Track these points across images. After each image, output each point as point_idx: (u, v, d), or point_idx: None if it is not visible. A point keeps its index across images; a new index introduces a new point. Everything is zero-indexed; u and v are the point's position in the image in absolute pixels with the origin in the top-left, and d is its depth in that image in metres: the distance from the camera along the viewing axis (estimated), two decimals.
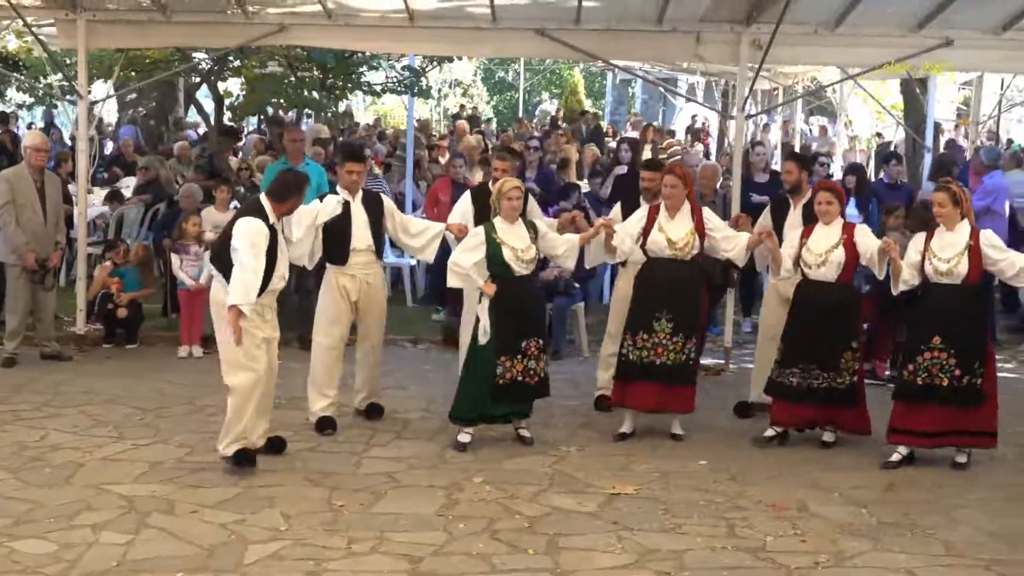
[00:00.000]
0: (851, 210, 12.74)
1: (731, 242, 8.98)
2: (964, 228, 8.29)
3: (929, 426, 8.32)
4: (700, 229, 8.82)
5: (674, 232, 8.76)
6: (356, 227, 8.90)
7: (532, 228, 8.58)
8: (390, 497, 7.51)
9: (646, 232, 8.84)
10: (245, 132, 24.40)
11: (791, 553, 6.70)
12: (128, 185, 16.17)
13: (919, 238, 8.57)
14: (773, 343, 9.20)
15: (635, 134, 24.01)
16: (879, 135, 24.17)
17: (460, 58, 24.37)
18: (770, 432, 8.84)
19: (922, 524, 7.24)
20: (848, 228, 8.73)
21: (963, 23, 10.60)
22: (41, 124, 24.44)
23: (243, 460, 7.83)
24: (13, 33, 14.37)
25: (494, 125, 33.79)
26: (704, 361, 11.61)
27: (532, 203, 9.24)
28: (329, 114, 21.49)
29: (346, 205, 8.84)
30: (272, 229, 7.86)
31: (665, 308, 8.70)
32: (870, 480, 8.15)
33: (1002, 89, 20.82)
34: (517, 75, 43.85)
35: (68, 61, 15.19)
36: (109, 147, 20.92)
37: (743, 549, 6.75)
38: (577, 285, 11.86)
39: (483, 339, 8.38)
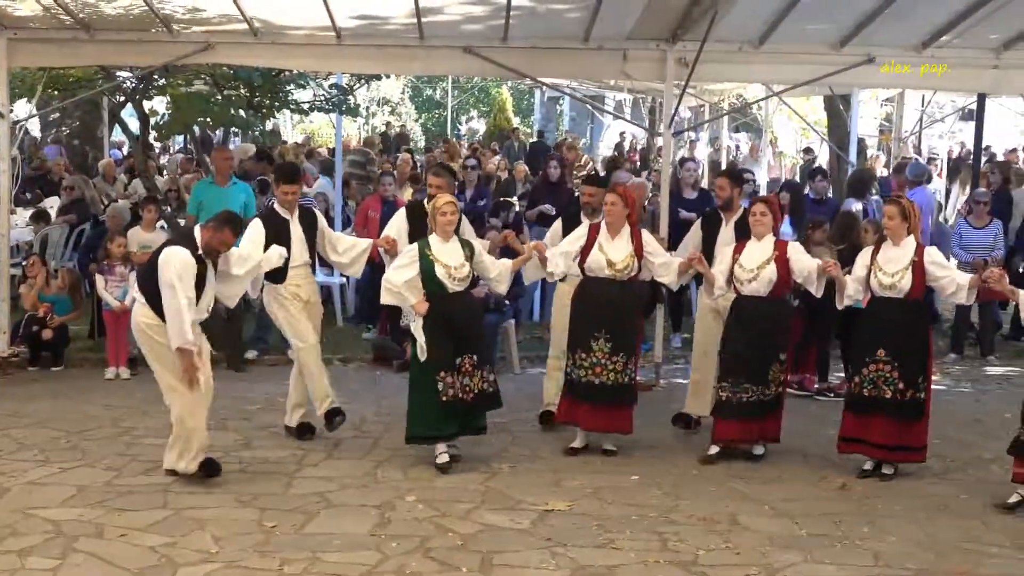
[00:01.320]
0: (786, 228, 12.85)
1: (667, 268, 9.01)
2: (910, 243, 8.43)
3: (879, 438, 8.45)
4: (639, 252, 8.86)
5: (614, 253, 8.80)
6: (294, 244, 8.98)
7: (468, 247, 8.57)
8: (322, 517, 7.48)
9: (586, 250, 8.86)
10: (171, 151, 24.18)
11: (723, 566, 6.77)
12: (53, 205, 15.95)
13: (866, 253, 8.70)
14: (707, 359, 9.31)
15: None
16: (808, 150, 24.45)
17: (388, 76, 24.37)
18: (713, 450, 8.88)
19: (851, 535, 7.34)
20: (780, 245, 8.80)
21: (884, 41, 10.77)
22: None
23: (211, 470, 8.04)
24: None
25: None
26: None
27: (465, 222, 9.27)
28: (256, 133, 21.32)
29: (284, 223, 9.01)
30: (200, 260, 7.86)
31: (603, 328, 8.75)
32: (799, 492, 8.25)
33: (923, 106, 21.16)
34: (445, 93, 43.91)
35: None
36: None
37: (676, 563, 6.80)
38: (508, 302, 11.87)
39: (421, 356, 8.37)
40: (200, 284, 7.86)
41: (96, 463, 8.44)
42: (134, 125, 18.83)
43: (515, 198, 17.87)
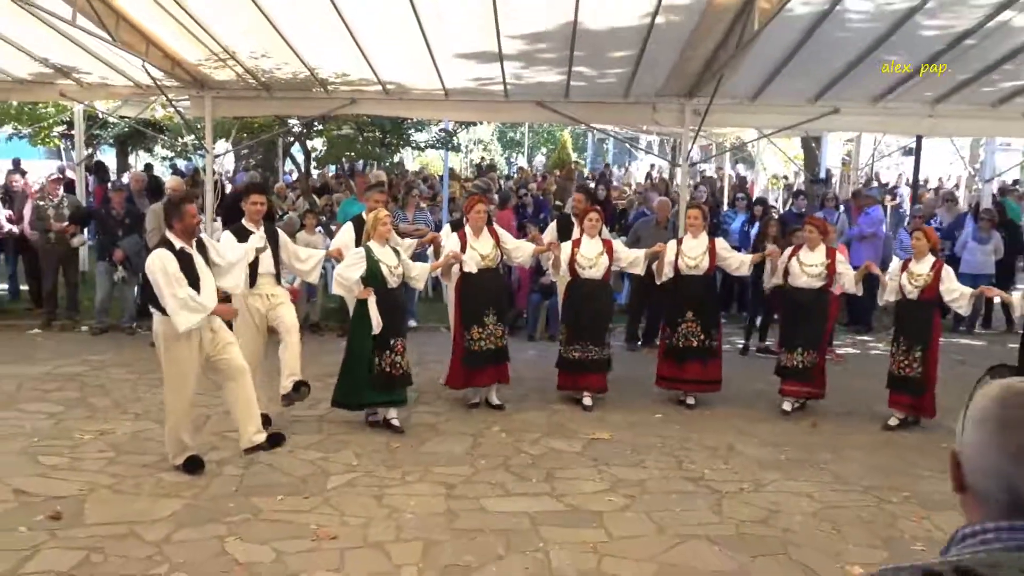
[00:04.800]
0: (755, 230, 12.71)
1: (519, 251, 8.74)
2: (704, 236, 8.70)
3: (687, 375, 8.70)
4: (498, 243, 8.53)
5: (483, 248, 8.41)
6: (261, 254, 7.57)
7: (396, 252, 7.82)
8: (432, 441, 7.52)
9: (461, 251, 8.33)
10: (329, 176, 24.34)
11: (723, 481, 6.71)
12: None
13: (674, 243, 8.80)
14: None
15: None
16: (785, 178, 24.08)
17: (481, 123, 24.41)
18: (587, 400, 8.70)
19: (819, 461, 7.25)
20: (607, 243, 8.71)
21: (847, 96, 10.57)
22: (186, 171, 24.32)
23: (192, 466, 6.61)
24: (159, 105, 14.39)
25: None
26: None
27: (392, 232, 8.22)
28: (386, 164, 21.47)
29: (250, 236, 7.57)
30: (183, 253, 6.36)
31: (491, 306, 8.40)
32: (782, 429, 8.15)
33: (875, 144, 20.74)
34: (523, 135, 43.77)
35: (198, 126, 15.20)
36: (227, 188, 20.94)
37: (688, 478, 6.76)
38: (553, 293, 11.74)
39: (376, 330, 7.56)
40: (190, 271, 6.33)
41: (273, 399, 8.47)
42: (300, 158, 19.07)
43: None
